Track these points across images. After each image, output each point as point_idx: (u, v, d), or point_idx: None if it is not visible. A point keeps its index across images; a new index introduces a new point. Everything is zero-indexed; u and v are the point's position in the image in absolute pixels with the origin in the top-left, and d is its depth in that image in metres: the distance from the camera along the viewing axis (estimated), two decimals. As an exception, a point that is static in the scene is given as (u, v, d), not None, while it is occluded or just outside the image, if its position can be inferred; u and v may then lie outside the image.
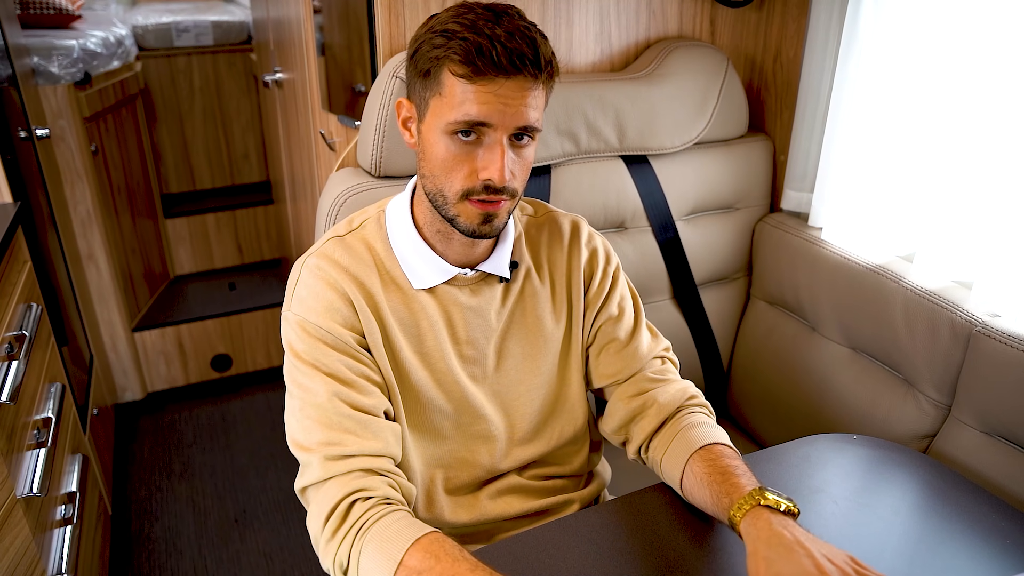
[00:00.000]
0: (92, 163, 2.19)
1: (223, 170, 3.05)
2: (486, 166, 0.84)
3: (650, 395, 1.00)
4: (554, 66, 0.86)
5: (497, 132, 0.83)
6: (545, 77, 0.84)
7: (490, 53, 0.80)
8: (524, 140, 0.86)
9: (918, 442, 1.21)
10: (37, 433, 1.28)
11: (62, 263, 1.91)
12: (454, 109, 0.83)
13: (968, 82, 1.12)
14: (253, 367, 2.64)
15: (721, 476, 0.86)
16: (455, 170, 0.86)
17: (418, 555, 0.77)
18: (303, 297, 0.91)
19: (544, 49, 0.83)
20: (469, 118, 0.82)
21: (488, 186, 0.85)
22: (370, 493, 0.84)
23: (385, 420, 0.91)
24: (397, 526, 0.80)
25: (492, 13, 0.83)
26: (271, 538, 1.95)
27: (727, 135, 1.47)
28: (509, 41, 0.80)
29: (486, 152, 0.84)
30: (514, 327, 1.01)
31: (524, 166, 0.88)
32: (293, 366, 0.90)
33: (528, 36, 0.82)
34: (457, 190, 0.86)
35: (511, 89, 0.82)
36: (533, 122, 0.84)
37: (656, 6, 1.43)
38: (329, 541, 0.82)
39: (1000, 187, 1.09)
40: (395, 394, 0.94)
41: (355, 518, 0.82)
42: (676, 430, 0.96)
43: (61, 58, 2.04)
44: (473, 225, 0.88)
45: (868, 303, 1.27)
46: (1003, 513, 0.95)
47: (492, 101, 0.81)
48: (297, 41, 1.73)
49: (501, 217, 0.89)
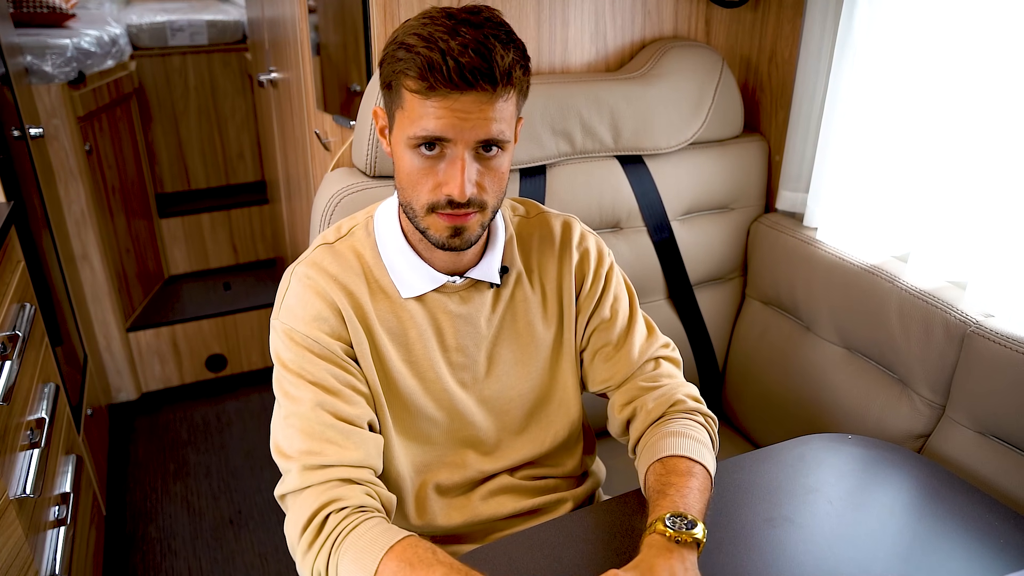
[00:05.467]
0: (86, 162, 2.18)
1: (218, 170, 3.04)
2: (447, 181, 0.83)
3: (640, 401, 1.00)
4: (515, 76, 0.82)
5: (457, 146, 0.82)
6: (504, 89, 0.81)
7: (442, 68, 0.77)
8: (493, 151, 0.84)
9: (912, 442, 1.21)
10: (30, 434, 1.28)
11: (56, 263, 1.90)
12: (413, 124, 0.81)
13: (962, 83, 1.13)
14: (248, 367, 2.64)
15: (657, 493, 0.86)
16: (419, 184, 0.85)
17: (392, 564, 0.77)
18: (291, 306, 0.91)
19: (503, 61, 0.79)
20: (427, 133, 0.81)
21: (451, 201, 0.83)
22: (344, 503, 0.83)
23: (368, 432, 0.90)
24: (371, 535, 0.80)
25: (453, 22, 0.79)
26: (266, 539, 1.94)
27: (722, 135, 1.48)
28: (462, 56, 0.77)
29: (448, 167, 0.83)
30: (505, 333, 1.00)
31: (495, 177, 0.86)
32: (280, 375, 0.90)
33: (485, 48, 0.78)
34: (423, 203, 0.85)
35: (467, 104, 0.79)
36: (496, 135, 0.82)
37: (651, 6, 1.43)
38: (306, 553, 0.83)
39: (994, 188, 1.09)
40: (381, 403, 0.94)
41: (330, 529, 0.82)
42: (649, 438, 0.96)
43: (55, 57, 2.04)
44: (442, 238, 0.87)
45: (863, 303, 1.28)
46: (997, 512, 0.95)
47: (448, 116, 0.80)
48: (292, 41, 1.73)
49: (472, 230, 0.87)
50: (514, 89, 0.83)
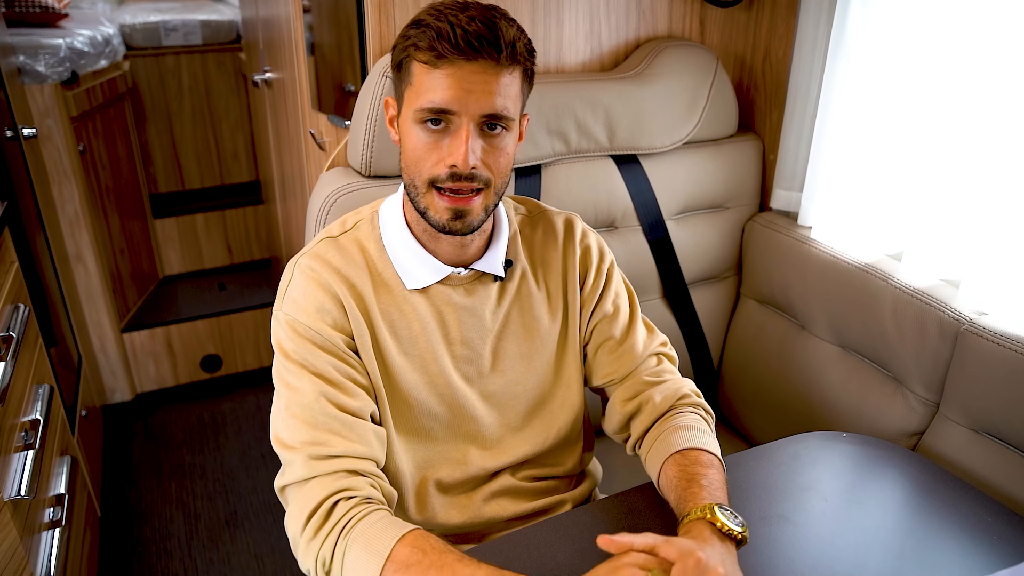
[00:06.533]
0: (80, 163, 2.17)
1: (212, 170, 3.03)
2: (451, 152, 0.84)
3: (645, 395, 1.01)
4: (519, 50, 0.84)
5: (463, 119, 0.83)
6: (508, 61, 0.83)
7: (449, 36, 0.80)
8: (497, 130, 0.86)
9: (907, 439, 1.22)
10: (25, 435, 1.27)
11: (50, 263, 1.90)
12: (420, 96, 0.84)
13: (956, 82, 1.13)
14: (243, 367, 2.63)
15: (687, 482, 0.86)
16: (423, 159, 0.86)
17: (405, 550, 0.77)
18: (295, 297, 0.91)
19: (507, 32, 0.82)
20: (433, 104, 0.83)
21: (454, 173, 0.84)
22: (353, 493, 0.83)
23: (370, 423, 0.90)
24: (381, 524, 0.80)
25: (463, 4, 0.84)
26: (262, 539, 1.94)
27: (717, 135, 1.48)
28: (469, 25, 0.81)
29: (452, 139, 0.84)
30: (510, 326, 1.00)
31: (499, 156, 0.87)
32: (282, 365, 0.90)
33: (491, 21, 0.82)
34: (425, 178, 0.86)
35: (473, 72, 0.82)
36: (500, 109, 0.84)
37: (646, 6, 1.44)
38: (311, 540, 0.82)
39: (987, 186, 1.09)
40: (382, 397, 0.94)
41: (338, 517, 0.81)
42: (661, 431, 0.96)
43: (48, 57, 2.03)
44: (443, 220, 0.87)
45: (857, 301, 1.28)
46: (990, 509, 0.95)
47: (454, 87, 0.82)
48: (287, 40, 1.72)
49: (475, 213, 0.88)
50: (519, 68, 0.86)
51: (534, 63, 0.89)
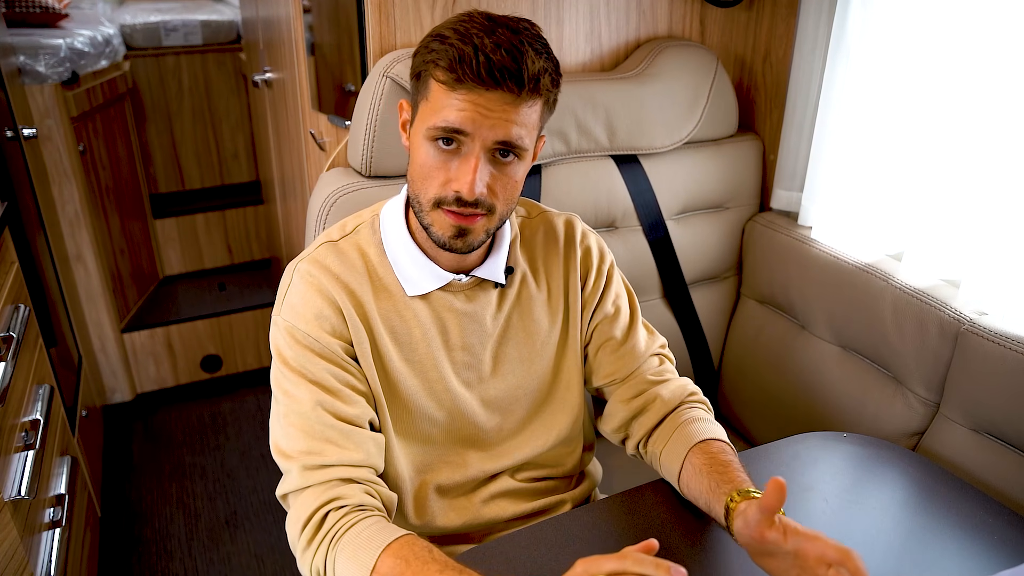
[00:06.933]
0: (80, 163, 2.17)
1: (212, 170, 3.03)
2: (458, 177, 0.83)
3: (651, 392, 1.01)
4: (543, 84, 0.82)
5: (475, 143, 0.82)
6: (530, 94, 0.81)
7: (471, 62, 0.78)
8: (509, 158, 0.84)
9: (907, 439, 1.22)
10: (25, 435, 1.27)
11: (50, 264, 1.90)
12: (435, 114, 0.82)
13: (956, 82, 1.13)
14: (243, 368, 2.63)
15: (722, 467, 0.88)
16: (431, 177, 0.85)
17: (389, 560, 0.77)
18: (293, 303, 0.91)
19: (532, 65, 0.80)
20: (447, 124, 0.81)
21: (459, 199, 0.83)
22: (344, 501, 0.84)
23: (369, 431, 0.90)
24: (368, 532, 0.80)
25: (491, 24, 0.81)
26: (262, 539, 1.94)
27: (717, 135, 1.48)
28: (494, 53, 0.78)
29: (461, 163, 0.83)
30: (511, 332, 1.00)
31: (507, 183, 0.86)
32: (280, 372, 0.90)
33: (518, 51, 0.79)
34: (430, 197, 0.85)
35: (491, 101, 0.80)
36: (514, 138, 0.82)
37: (646, 6, 1.44)
38: (305, 551, 0.83)
39: (987, 186, 1.09)
40: (381, 403, 0.94)
41: (328, 527, 0.82)
42: (676, 424, 0.97)
43: (48, 57, 2.03)
44: (445, 237, 0.87)
45: (857, 302, 1.28)
46: (991, 510, 0.95)
47: (470, 110, 0.80)
48: (287, 40, 1.72)
49: (476, 234, 0.87)
50: (540, 99, 0.84)
51: (558, 92, 0.87)
